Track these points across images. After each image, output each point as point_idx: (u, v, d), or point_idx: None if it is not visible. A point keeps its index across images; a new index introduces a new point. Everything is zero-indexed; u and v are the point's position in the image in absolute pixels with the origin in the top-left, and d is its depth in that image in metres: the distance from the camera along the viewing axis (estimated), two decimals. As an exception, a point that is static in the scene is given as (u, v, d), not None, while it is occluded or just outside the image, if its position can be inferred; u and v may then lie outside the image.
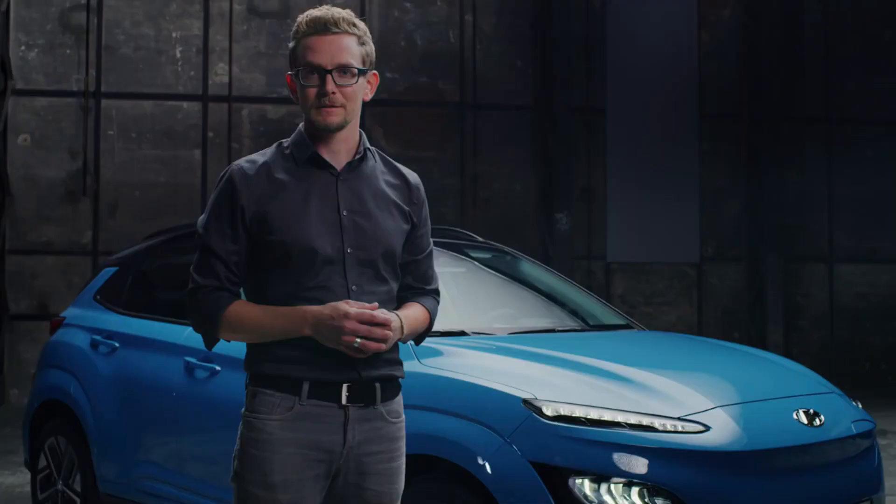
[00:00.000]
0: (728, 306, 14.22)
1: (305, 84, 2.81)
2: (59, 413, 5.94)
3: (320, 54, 2.81)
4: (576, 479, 3.67)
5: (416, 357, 4.21)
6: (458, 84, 13.61)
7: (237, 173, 2.85)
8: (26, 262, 12.47)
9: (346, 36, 2.85)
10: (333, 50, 2.82)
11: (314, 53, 2.81)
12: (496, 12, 13.71)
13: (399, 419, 2.95)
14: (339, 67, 2.81)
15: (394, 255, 2.90)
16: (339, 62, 2.81)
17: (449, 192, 13.50)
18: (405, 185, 3.00)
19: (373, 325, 2.70)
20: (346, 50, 2.83)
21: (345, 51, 2.83)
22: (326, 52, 2.81)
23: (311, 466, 2.79)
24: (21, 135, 12.57)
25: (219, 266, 2.82)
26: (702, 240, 14.11)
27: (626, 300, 13.90)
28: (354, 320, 2.68)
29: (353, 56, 2.85)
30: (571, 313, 5.51)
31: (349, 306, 2.70)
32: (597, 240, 13.83)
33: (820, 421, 4.10)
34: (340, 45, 2.83)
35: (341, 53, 2.82)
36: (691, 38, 14.20)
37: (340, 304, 2.71)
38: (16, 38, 12.58)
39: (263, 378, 2.83)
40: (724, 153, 14.20)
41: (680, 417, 3.82)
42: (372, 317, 2.70)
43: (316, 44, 2.82)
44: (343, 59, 2.82)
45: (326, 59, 2.80)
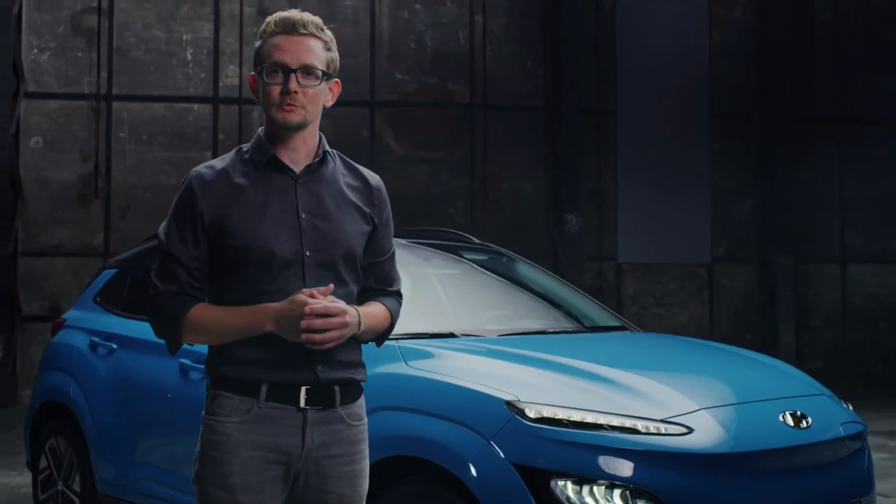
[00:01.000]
0: (739, 307, 14.18)
1: (269, 81, 2.83)
2: (59, 414, 5.98)
3: (286, 53, 2.82)
4: (558, 481, 3.67)
5: (403, 359, 4.23)
6: (468, 85, 13.62)
7: (196, 179, 2.88)
8: (38, 264, 12.56)
9: (312, 38, 2.86)
10: (300, 50, 2.83)
11: (280, 52, 2.82)
12: (506, 13, 13.72)
13: (360, 422, 2.96)
14: (303, 68, 2.83)
15: (354, 257, 2.91)
16: (304, 62, 2.83)
17: (458, 194, 13.52)
18: (366, 187, 3.01)
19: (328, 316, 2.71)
20: (312, 52, 2.85)
21: (311, 52, 2.85)
22: (292, 52, 2.82)
23: (269, 468, 2.81)
24: (33, 137, 12.66)
25: (179, 271, 2.84)
26: (713, 240, 14.08)
27: (636, 301, 13.89)
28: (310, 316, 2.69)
29: (319, 59, 2.86)
30: (566, 315, 5.51)
31: (306, 296, 2.70)
32: (607, 240, 13.82)
33: (807, 423, 4.09)
34: (307, 47, 2.85)
35: (307, 54, 2.84)
36: (702, 39, 14.17)
37: (298, 294, 2.71)
38: (28, 42, 12.67)
39: (222, 380, 2.85)
40: (734, 153, 14.16)
41: (663, 419, 3.81)
42: (325, 309, 2.71)
43: (283, 43, 2.83)
44: (308, 59, 2.83)
45: (292, 59, 2.82)
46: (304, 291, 2.73)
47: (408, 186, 13.37)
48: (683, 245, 13.91)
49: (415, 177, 13.43)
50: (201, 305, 2.84)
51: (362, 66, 13.39)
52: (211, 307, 2.85)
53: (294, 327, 2.71)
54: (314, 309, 2.69)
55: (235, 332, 2.80)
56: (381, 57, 13.46)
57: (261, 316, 2.76)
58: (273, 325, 2.74)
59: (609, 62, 13.91)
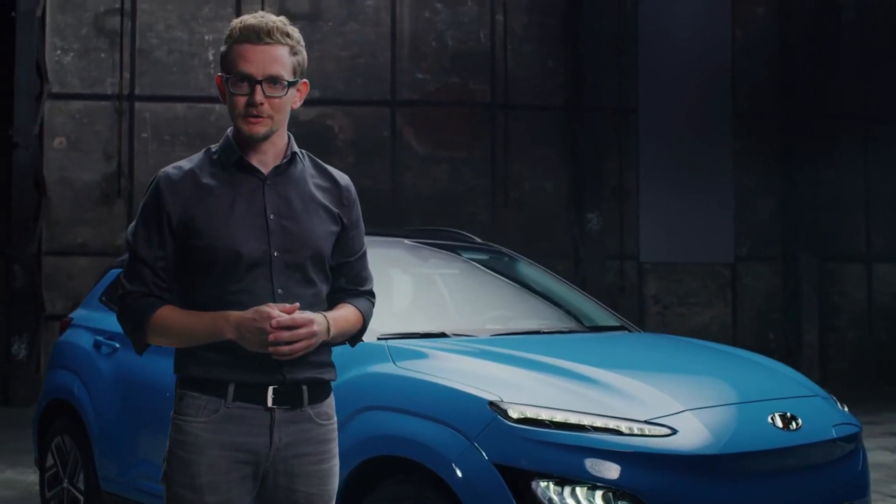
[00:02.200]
0: (763, 306, 14.07)
1: (234, 92, 2.81)
2: (64, 413, 6.03)
3: (251, 64, 2.80)
4: (539, 482, 3.66)
5: (392, 359, 4.23)
6: (489, 84, 13.60)
7: (163, 180, 2.88)
8: (62, 263, 12.67)
9: (278, 46, 2.83)
10: (265, 60, 2.80)
11: (245, 62, 2.80)
12: (527, 12, 13.69)
13: (329, 421, 2.96)
14: (268, 79, 2.80)
15: (322, 258, 2.91)
16: (269, 73, 2.80)
17: (479, 193, 13.51)
18: (335, 188, 3.00)
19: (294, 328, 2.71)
20: (278, 61, 2.82)
21: (276, 62, 2.82)
22: (257, 63, 2.80)
23: (237, 468, 2.82)
24: (57, 138, 12.78)
25: (146, 272, 2.84)
26: (736, 239, 13.98)
27: (659, 300, 13.82)
28: (276, 328, 2.69)
29: (284, 67, 2.84)
30: (565, 315, 5.48)
31: (272, 309, 2.71)
32: (629, 240, 13.76)
33: (797, 425, 4.04)
34: (272, 56, 2.82)
35: (272, 65, 2.81)
36: (724, 36, 14.07)
37: (263, 307, 2.72)
38: (51, 43, 12.79)
39: (190, 381, 2.85)
40: (758, 151, 14.05)
41: (647, 420, 3.79)
42: (292, 320, 2.71)
43: (247, 52, 2.80)
44: (273, 70, 2.81)
45: (257, 69, 2.80)
46: (270, 305, 2.72)
47: (429, 186, 13.38)
48: (706, 244, 13.82)
49: (436, 176, 13.43)
50: (167, 308, 2.84)
51: (383, 66, 13.41)
52: (176, 310, 2.84)
53: (257, 338, 2.71)
54: (281, 322, 2.69)
55: (198, 338, 2.81)
56: (402, 56, 13.47)
57: (222, 323, 2.75)
58: (234, 334, 2.74)
59: (630, 60, 13.84)
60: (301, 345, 2.73)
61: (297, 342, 2.72)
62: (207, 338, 2.79)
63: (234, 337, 2.74)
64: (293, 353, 2.73)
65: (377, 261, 5.18)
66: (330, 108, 13.26)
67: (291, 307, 2.73)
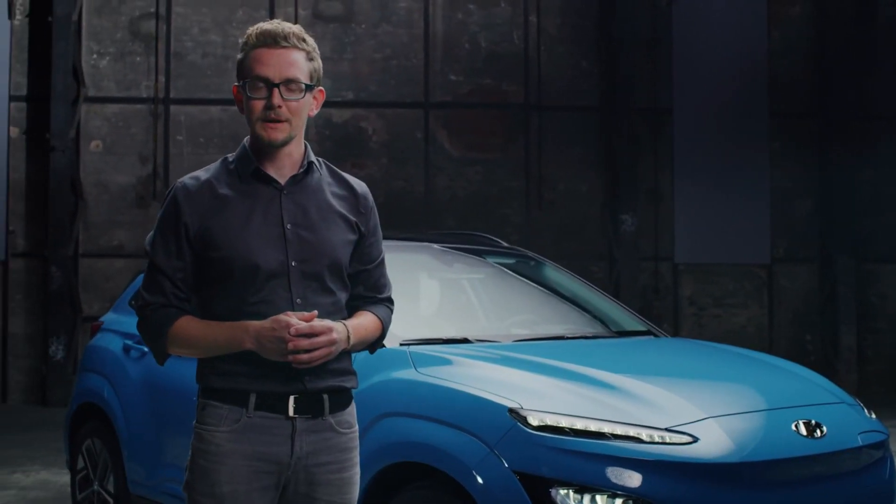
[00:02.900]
0: (799, 308, 13.93)
1: (252, 96, 2.82)
2: (95, 416, 6.08)
3: (268, 67, 2.81)
4: (559, 489, 3.63)
5: (414, 365, 4.23)
6: (523, 85, 13.57)
7: (180, 191, 2.88)
8: (98, 265, 12.78)
9: (294, 50, 2.85)
10: (282, 64, 2.82)
11: (262, 66, 2.81)
12: (560, 13, 13.64)
13: (350, 430, 2.95)
14: (286, 81, 2.82)
15: (340, 266, 2.90)
16: (286, 76, 2.82)
17: (513, 194, 13.48)
18: (352, 196, 2.99)
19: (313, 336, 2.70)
20: (295, 64, 2.84)
21: (293, 65, 2.83)
22: (275, 66, 2.81)
23: (258, 478, 2.82)
24: (93, 141, 12.90)
25: (165, 283, 2.85)
26: (772, 240, 13.85)
27: (694, 302, 13.72)
28: (295, 336, 2.69)
29: (301, 71, 2.85)
30: (591, 319, 5.45)
31: (291, 318, 2.71)
32: (664, 241, 13.67)
33: (821, 432, 3.99)
34: (289, 60, 2.83)
35: (289, 68, 2.83)
36: (760, 36, 13.94)
37: (282, 316, 2.71)
38: (87, 47, 12.90)
39: (212, 391, 2.86)
40: (794, 152, 13.91)
41: (668, 428, 3.75)
42: (311, 328, 2.70)
43: (265, 56, 2.82)
44: (291, 73, 2.82)
45: (274, 73, 2.81)
46: (289, 314, 2.72)
47: (462, 187, 13.38)
48: (742, 245, 13.71)
49: (469, 178, 13.42)
50: (186, 319, 2.85)
51: (416, 68, 13.42)
52: (195, 321, 2.85)
53: (276, 347, 2.70)
54: (299, 329, 2.69)
55: (217, 348, 2.81)
56: (435, 58, 13.48)
57: (241, 333, 2.76)
58: (253, 344, 2.74)
59: (665, 60, 13.76)
60: (321, 353, 2.72)
61: (317, 350, 2.71)
62: (227, 348, 2.79)
63: (254, 347, 2.74)
64: (312, 361, 2.72)
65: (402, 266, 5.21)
66: (363, 110, 13.29)
67: (310, 315, 2.73)
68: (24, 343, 12.63)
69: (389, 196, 13.17)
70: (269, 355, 2.73)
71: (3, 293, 12.62)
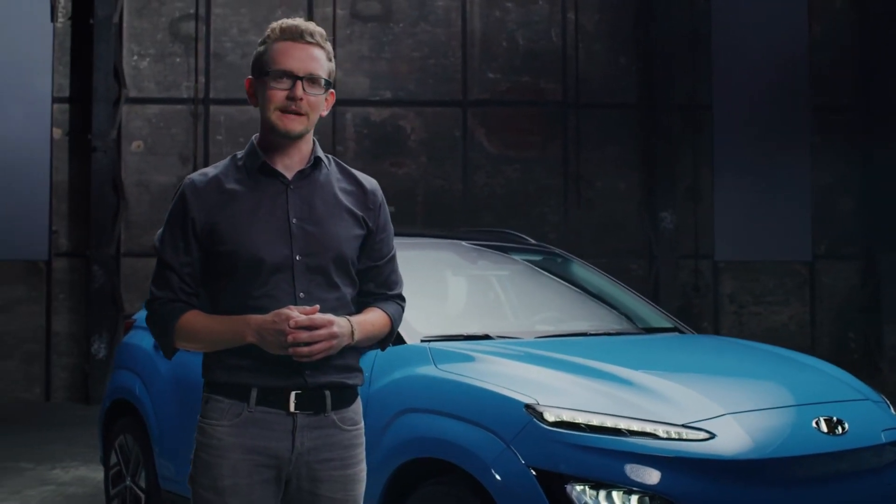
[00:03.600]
0: (842, 306, 13.76)
1: (275, 87, 2.85)
2: (127, 412, 6.15)
3: (293, 60, 2.86)
4: (575, 485, 3.63)
5: (433, 361, 4.24)
6: (561, 83, 13.53)
7: (188, 186, 2.92)
8: (139, 265, 12.91)
9: (318, 48, 2.91)
10: (306, 58, 2.87)
11: (287, 59, 2.86)
12: (598, 9, 13.59)
13: (355, 426, 2.96)
14: (309, 76, 2.87)
15: (345, 261, 2.91)
16: (310, 71, 2.87)
17: (551, 192, 13.45)
18: (360, 191, 3.02)
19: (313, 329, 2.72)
20: (318, 61, 2.89)
21: (316, 61, 2.89)
22: (300, 60, 2.86)
23: (259, 472, 2.84)
24: (134, 141, 13.03)
25: (173, 278, 2.89)
26: (814, 237, 13.69)
27: (734, 300, 13.61)
28: (295, 329, 2.71)
29: (323, 69, 2.91)
30: (617, 316, 5.43)
31: (291, 311, 2.73)
32: (704, 238, 13.57)
33: (843, 429, 3.95)
34: (313, 55, 2.89)
35: (313, 63, 2.88)
36: (801, 30, 13.79)
37: (283, 309, 2.74)
38: (128, 49, 13.04)
39: (215, 385, 2.89)
40: (836, 147, 13.73)
41: (684, 424, 3.73)
42: (310, 321, 2.72)
43: (290, 49, 2.86)
44: (314, 68, 2.88)
45: (299, 66, 2.85)
46: (290, 308, 2.74)
47: (500, 185, 13.37)
48: (783, 242, 13.56)
49: (507, 176, 13.40)
50: (192, 313, 2.88)
51: (454, 66, 13.43)
52: (201, 315, 2.88)
53: (277, 340, 2.73)
54: (299, 322, 2.71)
55: (221, 342, 2.84)
56: (473, 56, 13.47)
57: (244, 327, 2.79)
58: (254, 337, 2.77)
59: (704, 56, 13.65)
60: (321, 346, 2.74)
61: (317, 343, 2.73)
62: (230, 342, 2.82)
63: (255, 340, 2.77)
64: (312, 354, 2.74)
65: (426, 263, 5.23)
66: (402, 108, 13.32)
67: (312, 309, 2.75)
68: (68, 341, 12.80)
69: (428, 194, 13.20)
70: (270, 349, 2.75)
71: (46, 292, 12.79)
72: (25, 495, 7.22)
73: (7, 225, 12.59)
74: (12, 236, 12.64)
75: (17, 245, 12.69)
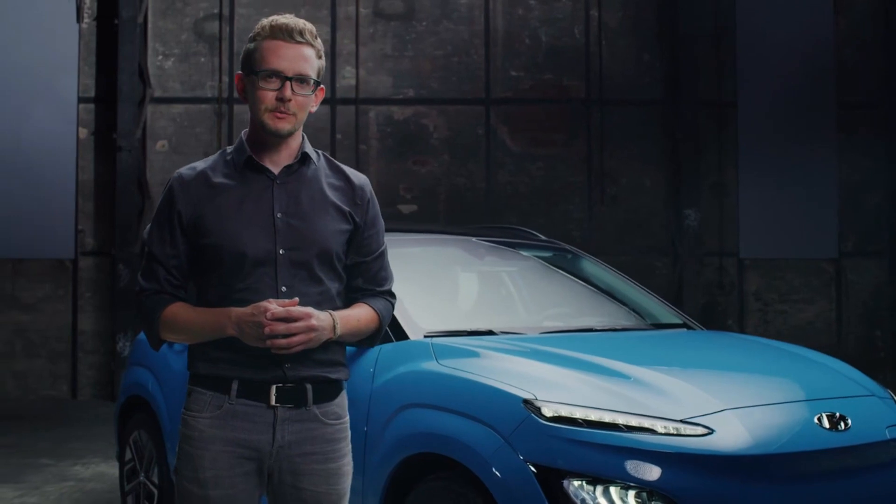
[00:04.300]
0: (869, 303, 13.63)
1: (264, 87, 2.87)
2: (141, 408, 6.20)
3: (283, 60, 2.87)
4: (572, 481, 3.61)
5: (435, 357, 4.24)
6: (584, 80, 13.49)
7: (176, 180, 2.96)
8: (164, 263, 12.96)
9: (307, 47, 2.92)
10: (296, 58, 2.88)
11: (277, 59, 2.87)
12: (621, 6, 13.53)
13: (339, 421, 2.97)
14: (298, 77, 2.88)
15: (330, 255, 2.92)
16: (299, 71, 2.88)
17: (575, 190, 13.41)
18: (348, 187, 3.03)
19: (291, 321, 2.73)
20: (307, 60, 2.91)
21: (306, 61, 2.90)
22: (289, 60, 2.87)
23: (240, 463, 2.86)
24: (159, 141, 13.12)
25: (160, 270, 2.92)
26: (840, 234, 13.56)
27: (760, 297, 13.51)
28: (272, 321, 2.72)
29: (312, 68, 2.92)
30: (626, 312, 5.41)
31: (270, 303, 2.74)
32: (729, 235, 13.48)
33: (845, 425, 3.91)
34: (302, 55, 2.90)
35: (302, 63, 2.89)
36: (826, 25, 13.66)
37: (262, 302, 2.75)
38: (153, 49, 13.13)
39: (198, 377, 2.92)
40: (863, 144, 13.58)
41: (683, 420, 3.71)
42: (287, 313, 2.73)
43: (279, 49, 2.88)
44: (303, 69, 2.89)
45: (288, 67, 2.87)
46: (269, 300, 2.76)
47: (524, 183, 13.35)
48: (809, 239, 13.44)
49: (531, 173, 13.38)
50: (177, 305, 2.91)
51: (477, 64, 13.42)
52: (185, 307, 2.91)
53: (255, 333, 2.75)
54: (276, 314, 2.73)
55: (203, 334, 2.87)
56: (496, 54, 13.46)
57: (224, 319, 2.81)
58: (234, 330, 2.79)
59: (729, 53, 13.56)
60: (298, 339, 2.75)
61: (294, 336, 2.74)
62: (212, 333, 2.85)
63: (235, 332, 2.79)
64: (290, 346, 2.75)
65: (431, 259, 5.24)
66: (424, 107, 13.33)
67: (290, 301, 2.76)
68: (94, 339, 12.90)
69: (450, 193, 13.20)
70: (249, 340, 2.77)
71: (72, 291, 12.91)
72: (45, 491, 7.29)
73: (34, 224, 12.72)
74: (39, 235, 12.76)
75: (44, 244, 12.82)
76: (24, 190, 12.65)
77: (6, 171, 12.65)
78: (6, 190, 12.63)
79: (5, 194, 12.62)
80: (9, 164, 12.66)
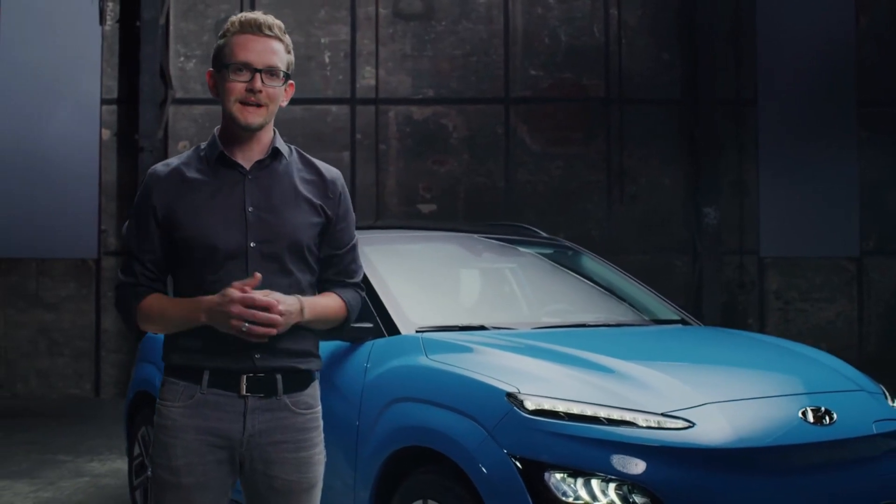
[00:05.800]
0: (891, 302, 13.53)
1: (235, 79, 2.94)
2: (148, 404, 6.27)
3: (252, 53, 2.94)
4: (554, 473, 3.64)
5: (425, 351, 4.29)
6: (604, 79, 13.49)
7: (151, 176, 3.04)
8: (186, 263, 13.08)
9: (276, 41, 2.99)
10: (265, 51, 2.95)
11: (246, 52, 2.94)
12: (640, 4, 13.52)
13: (310, 410, 3.03)
14: (268, 68, 2.95)
15: (301, 248, 2.99)
16: (268, 63, 2.95)
17: (595, 188, 13.41)
18: (320, 181, 3.09)
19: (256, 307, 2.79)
20: (276, 53, 2.97)
21: (275, 54, 2.97)
22: (258, 52, 2.94)
23: (212, 452, 2.93)
24: (180, 142, 13.23)
25: (135, 265, 3.01)
26: (861, 232, 13.48)
27: (780, 296, 13.46)
28: (239, 304, 2.78)
29: (281, 61, 2.99)
30: (623, 309, 5.43)
31: (235, 289, 2.80)
32: (749, 234, 13.44)
33: (830, 420, 3.91)
34: (271, 48, 2.97)
35: (272, 56, 2.96)
36: (848, 23, 13.59)
37: (228, 288, 2.82)
38: (175, 50, 13.26)
39: (172, 368, 3.00)
40: (884, 142, 13.50)
41: (664, 413, 3.73)
42: (252, 300, 2.79)
43: (249, 43, 2.95)
44: (273, 61, 2.96)
45: (257, 59, 2.94)
46: (235, 284, 2.82)
47: (543, 182, 13.36)
48: (830, 238, 13.38)
49: (550, 172, 13.40)
50: (153, 297, 2.99)
51: (496, 63, 13.46)
52: (160, 298, 2.99)
53: (225, 319, 2.81)
54: (243, 299, 2.79)
55: (177, 324, 2.94)
56: (515, 53, 13.49)
57: (195, 308, 2.88)
58: (205, 317, 2.86)
59: (749, 51, 13.52)
60: (263, 316, 2.79)
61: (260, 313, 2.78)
62: (186, 323, 2.92)
63: (206, 319, 2.86)
64: (254, 333, 2.80)
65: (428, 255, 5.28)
66: (444, 106, 13.38)
67: (252, 280, 2.82)
68: (116, 338, 13.04)
69: (470, 192, 13.24)
70: (220, 326, 2.84)
71: (96, 290, 13.06)
72: (60, 486, 7.40)
73: (57, 224, 12.88)
74: (62, 235, 12.92)
75: (68, 244, 12.98)
76: (48, 190, 12.81)
77: (30, 172, 12.81)
78: (30, 190, 12.79)
79: (29, 195, 12.78)
80: (32, 164, 12.82)
